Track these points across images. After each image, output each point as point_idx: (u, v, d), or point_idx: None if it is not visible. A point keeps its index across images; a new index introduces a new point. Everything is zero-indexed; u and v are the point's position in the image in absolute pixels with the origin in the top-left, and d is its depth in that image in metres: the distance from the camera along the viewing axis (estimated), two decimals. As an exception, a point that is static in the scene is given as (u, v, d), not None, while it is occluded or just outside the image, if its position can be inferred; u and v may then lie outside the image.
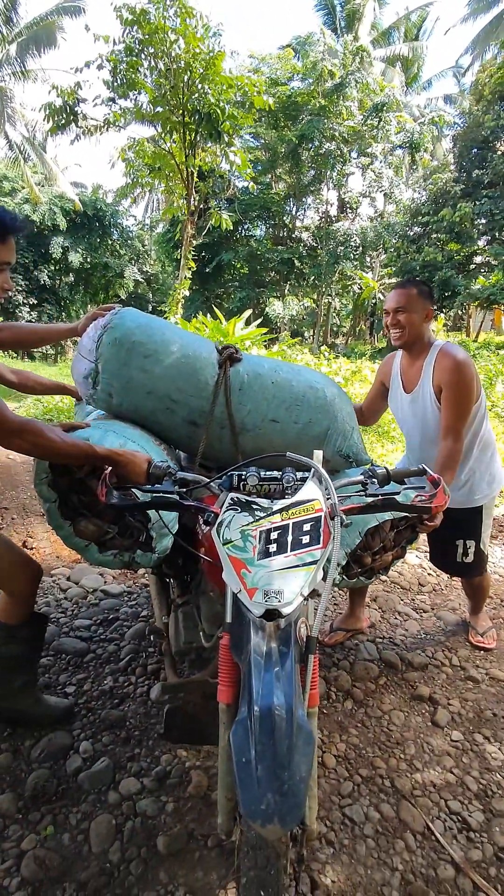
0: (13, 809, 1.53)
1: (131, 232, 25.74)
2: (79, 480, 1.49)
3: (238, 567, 1.03)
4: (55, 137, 11.60)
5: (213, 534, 1.10)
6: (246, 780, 0.82)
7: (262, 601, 0.98)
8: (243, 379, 1.74)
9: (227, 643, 1.08)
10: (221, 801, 1.09)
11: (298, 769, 0.83)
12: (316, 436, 1.83)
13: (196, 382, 1.68)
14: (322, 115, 19.06)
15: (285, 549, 1.04)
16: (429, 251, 15.61)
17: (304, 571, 1.02)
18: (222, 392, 1.69)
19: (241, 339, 7.14)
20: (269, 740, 0.83)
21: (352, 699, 2.10)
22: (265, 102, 11.04)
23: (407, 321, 2.08)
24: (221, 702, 1.08)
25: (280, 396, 1.77)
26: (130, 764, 1.71)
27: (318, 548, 1.04)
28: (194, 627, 1.66)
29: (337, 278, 20.65)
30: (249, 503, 1.12)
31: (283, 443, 1.79)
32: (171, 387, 1.66)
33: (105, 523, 1.49)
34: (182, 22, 9.52)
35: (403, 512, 1.25)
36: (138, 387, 1.64)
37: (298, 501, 1.11)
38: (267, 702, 0.86)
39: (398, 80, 20.97)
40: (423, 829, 1.59)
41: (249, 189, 16.56)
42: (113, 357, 1.63)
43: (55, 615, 2.55)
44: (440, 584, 3.17)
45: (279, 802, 0.79)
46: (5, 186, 22.33)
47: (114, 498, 1.14)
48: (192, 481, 1.24)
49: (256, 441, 1.78)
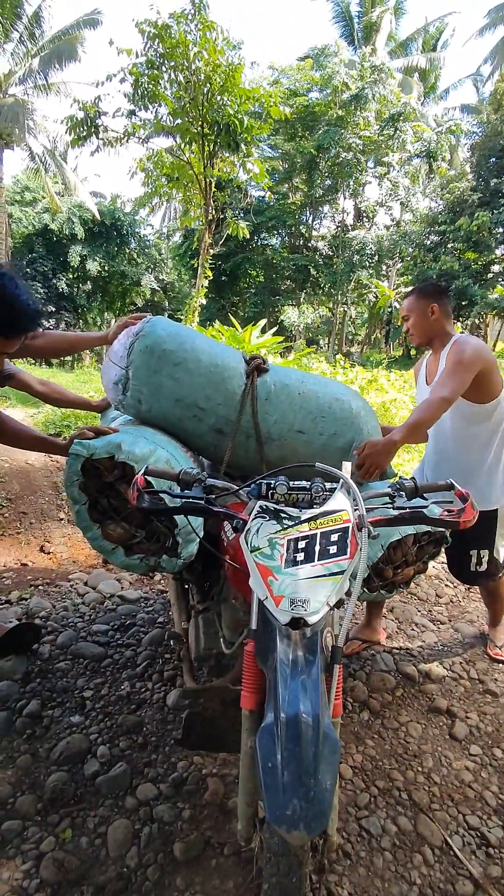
0: (32, 811, 1.55)
1: (149, 241, 26.07)
2: (109, 484, 1.51)
3: (265, 574, 1.04)
4: (76, 149, 11.84)
5: (242, 541, 1.11)
6: (272, 785, 0.83)
7: (289, 609, 0.99)
8: (270, 389, 1.77)
9: (251, 650, 1.09)
10: (242, 808, 1.10)
11: (324, 777, 0.83)
12: (340, 447, 1.84)
13: (224, 391, 1.71)
14: (339, 125, 19.19)
15: (312, 558, 1.05)
16: (446, 260, 15.57)
17: (330, 581, 1.02)
18: (249, 401, 1.72)
19: (257, 347, 7.18)
20: (295, 747, 0.84)
21: (368, 710, 2.09)
22: (282, 113, 11.16)
23: (413, 326, 2.23)
24: (245, 708, 1.08)
25: (306, 407, 1.79)
26: (147, 769, 1.72)
27: (345, 558, 1.05)
28: (215, 634, 1.67)
29: (353, 287, 20.68)
30: (278, 511, 1.13)
31: (308, 453, 1.81)
32: (199, 395, 1.69)
33: (132, 527, 1.52)
34: (203, 35, 9.69)
35: (431, 526, 1.25)
36: (168, 394, 1.67)
37: (327, 511, 1.12)
38: (294, 709, 0.87)
39: (416, 90, 21.05)
40: (441, 843, 1.57)
41: (266, 199, 16.68)
42: (144, 364, 1.66)
43: (73, 620, 2.57)
44: (458, 596, 3.14)
45: (305, 808, 0.80)
46: (27, 197, 22.79)
47: (144, 501, 1.16)
48: (221, 488, 1.25)
49: (282, 450, 1.80)
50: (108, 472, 1.52)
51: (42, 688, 2.06)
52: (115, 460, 1.50)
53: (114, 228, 23.20)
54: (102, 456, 1.50)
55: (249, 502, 1.20)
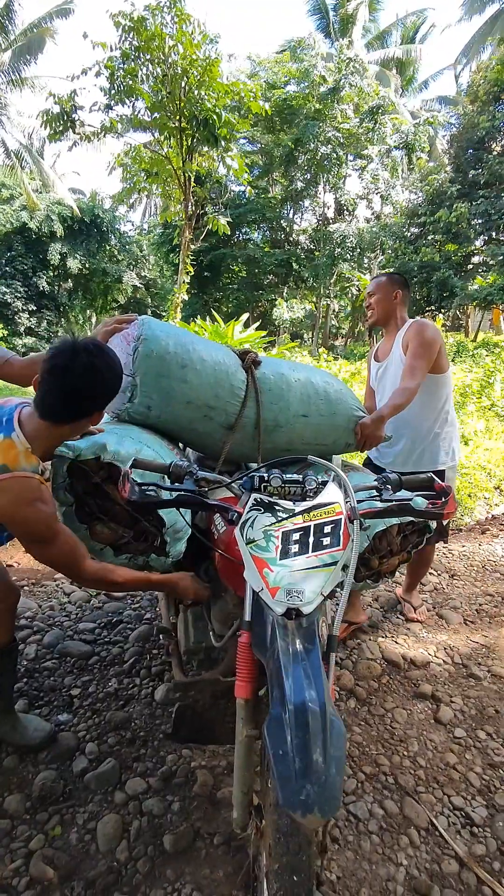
0: (21, 810, 1.55)
1: (129, 237, 25.82)
2: (95, 485, 1.51)
3: (261, 566, 1.06)
4: (53, 144, 11.69)
5: (237, 533, 1.12)
6: (284, 772, 0.85)
7: (285, 600, 1.01)
8: (269, 380, 1.85)
9: (246, 640, 1.10)
10: (238, 796, 1.12)
11: (334, 761, 0.86)
12: (340, 424, 1.98)
13: (230, 388, 1.74)
14: (318, 118, 19.14)
15: (307, 549, 1.07)
16: (426, 252, 15.66)
17: (324, 572, 1.05)
18: (254, 394, 1.78)
19: (240, 342, 7.17)
20: (304, 734, 0.86)
21: (355, 698, 2.11)
22: (261, 108, 11.12)
23: (376, 302, 2.43)
24: (240, 697, 1.09)
25: (305, 392, 1.90)
26: (136, 764, 1.73)
27: (338, 549, 1.07)
28: (204, 627, 1.68)
29: (335, 280, 20.70)
30: (272, 504, 1.14)
31: (313, 435, 1.94)
32: (209, 394, 1.70)
33: (120, 527, 1.51)
34: (179, 28, 9.59)
35: (417, 517, 1.28)
36: (178, 397, 1.66)
37: (320, 504, 1.14)
38: (300, 698, 0.90)
39: (394, 82, 21.08)
40: (427, 824, 1.60)
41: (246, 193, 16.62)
42: (151, 369, 1.63)
43: (59, 619, 2.57)
44: (441, 584, 3.18)
45: (318, 793, 0.82)
46: (3, 193, 22.40)
47: (135, 493, 1.15)
48: (212, 481, 1.26)
49: (289, 436, 1.90)
50: (95, 472, 1.51)
51: (29, 687, 2.05)
52: (101, 461, 1.49)
53: (94, 225, 22.91)
54: (88, 457, 1.49)
55: (243, 495, 1.21)
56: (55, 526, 1.35)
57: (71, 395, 1.29)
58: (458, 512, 4.31)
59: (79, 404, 1.31)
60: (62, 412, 1.31)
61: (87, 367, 1.27)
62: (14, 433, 1.32)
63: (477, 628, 2.69)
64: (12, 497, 1.28)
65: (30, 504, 1.29)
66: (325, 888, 1.39)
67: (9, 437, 1.31)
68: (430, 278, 15.34)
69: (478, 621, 2.76)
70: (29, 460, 1.31)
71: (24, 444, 1.31)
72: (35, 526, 1.32)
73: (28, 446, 1.32)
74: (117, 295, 25.39)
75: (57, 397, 1.29)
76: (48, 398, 1.29)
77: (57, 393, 1.28)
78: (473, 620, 2.76)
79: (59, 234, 21.34)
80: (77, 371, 1.26)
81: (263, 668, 1.07)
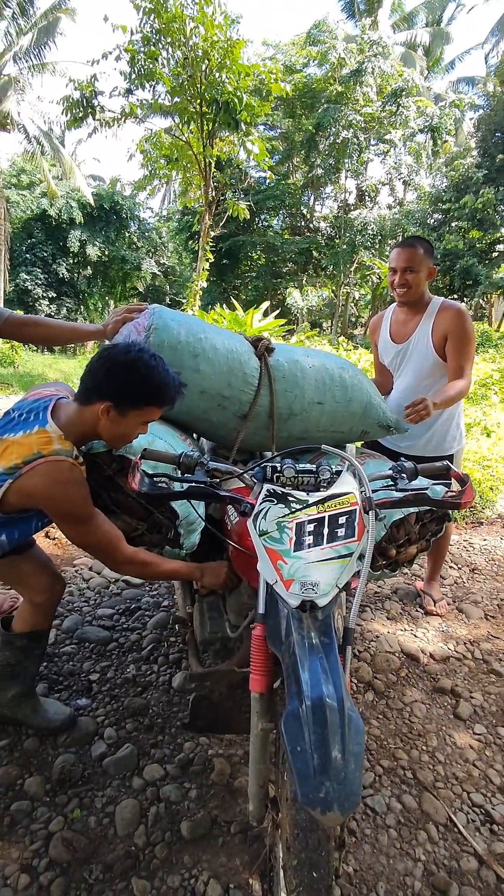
0: (41, 792, 1.57)
1: (148, 224, 25.76)
2: (108, 478, 1.50)
3: (274, 558, 1.04)
4: (73, 131, 11.65)
5: (250, 525, 1.10)
6: (303, 769, 0.83)
7: (300, 592, 0.99)
8: (283, 367, 1.80)
9: (260, 633, 1.09)
10: (253, 789, 1.10)
11: (353, 757, 0.84)
12: (356, 412, 1.93)
13: (243, 376, 1.71)
14: (339, 101, 18.73)
15: (321, 541, 1.04)
16: (450, 239, 15.32)
17: (339, 564, 1.02)
18: (268, 382, 1.74)
19: (259, 330, 7.12)
20: (323, 730, 0.84)
21: (373, 690, 2.10)
22: (282, 89, 10.93)
23: (414, 280, 2.20)
24: (255, 691, 1.08)
25: (320, 379, 1.85)
26: (154, 750, 1.74)
27: (353, 540, 1.05)
28: (220, 617, 1.67)
29: (355, 268, 20.40)
30: (285, 495, 1.11)
31: (329, 423, 1.89)
32: (222, 383, 1.67)
33: (134, 520, 1.51)
34: (200, 9, 9.43)
35: (435, 507, 1.24)
36: (193, 387, 1.63)
37: (334, 494, 1.11)
38: (317, 693, 0.87)
39: (420, 64, 20.50)
40: (446, 820, 1.58)
41: (267, 179, 16.42)
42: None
43: (78, 604, 2.59)
44: (462, 577, 3.14)
45: (337, 790, 0.80)
46: (24, 180, 22.49)
47: (145, 485, 1.14)
48: (224, 472, 1.24)
49: (304, 424, 1.86)
50: (107, 465, 1.50)
51: (49, 671, 2.08)
52: (114, 453, 1.49)
53: (113, 212, 22.91)
54: (100, 449, 1.50)
55: (255, 486, 1.18)
56: (89, 507, 1.39)
57: (86, 374, 1.40)
58: (479, 505, 4.24)
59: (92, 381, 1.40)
60: (81, 391, 1.42)
61: (106, 356, 1.38)
62: (48, 423, 1.39)
63: (498, 623, 2.65)
64: (45, 479, 1.34)
65: (62, 485, 1.34)
66: (342, 881, 1.38)
67: (43, 427, 1.38)
68: (453, 266, 15.03)
69: (499, 616, 2.72)
70: (62, 444, 1.37)
71: (56, 432, 1.38)
72: (69, 506, 1.37)
73: (60, 433, 1.38)
74: (136, 282, 25.44)
75: (83, 376, 1.41)
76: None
77: (85, 372, 1.41)
78: (494, 615, 2.72)
79: (79, 222, 21.41)
80: (104, 355, 1.38)
81: (278, 661, 1.06)
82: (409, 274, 2.19)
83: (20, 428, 1.41)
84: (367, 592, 2.84)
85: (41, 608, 1.67)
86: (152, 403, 1.39)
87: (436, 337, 2.22)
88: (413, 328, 2.30)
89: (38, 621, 1.69)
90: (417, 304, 2.29)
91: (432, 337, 2.22)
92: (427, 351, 2.25)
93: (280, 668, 1.05)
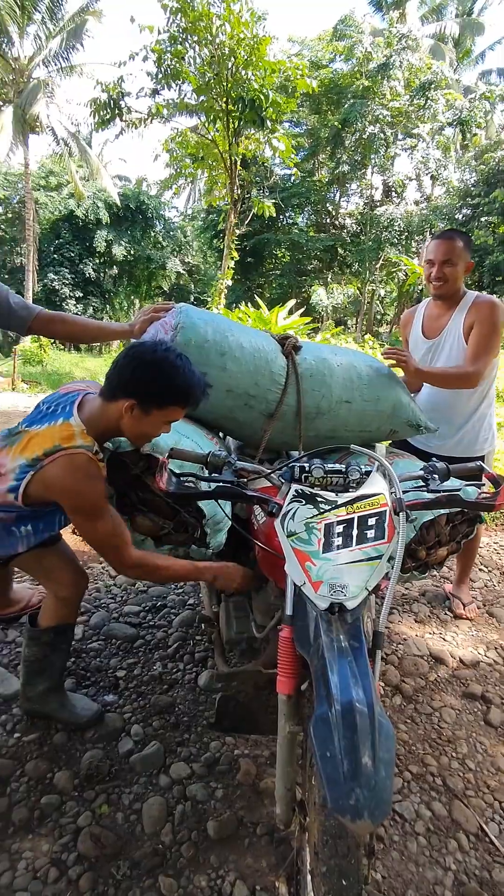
0: (70, 787, 1.59)
1: (174, 223, 25.94)
2: (136, 476, 1.51)
3: (303, 559, 1.02)
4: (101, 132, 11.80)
5: (277, 525, 1.08)
6: (332, 775, 0.81)
7: (329, 595, 0.97)
8: (311, 365, 1.78)
9: (287, 635, 1.07)
10: (280, 792, 1.09)
11: (383, 764, 0.82)
12: (384, 410, 1.90)
13: (270, 375, 1.69)
14: (366, 96, 18.51)
15: (350, 543, 1.02)
16: (479, 234, 15.03)
17: (368, 566, 1.00)
18: (295, 380, 1.72)
19: (284, 328, 7.09)
20: (353, 735, 0.82)
21: (401, 694, 2.06)
22: (308, 86, 10.86)
23: (451, 274, 2.13)
24: (282, 693, 1.07)
25: (348, 377, 1.83)
26: (180, 749, 1.74)
27: (382, 542, 1.02)
28: (246, 618, 1.66)
29: (381, 265, 20.16)
30: (314, 496, 1.10)
31: (357, 422, 1.87)
32: (249, 382, 1.67)
33: (161, 519, 1.51)
34: (227, 7, 9.43)
35: (468, 509, 1.21)
36: (219, 385, 1.63)
37: (364, 495, 1.09)
38: (347, 697, 0.86)
39: (449, 56, 20.11)
40: (477, 829, 1.55)
41: (292, 176, 16.35)
42: (191, 358, 1.62)
43: (105, 601, 2.61)
44: (492, 581, 3.07)
45: (368, 798, 0.78)
46: (52, 181, 22.86)
47: (172, 485, 1.14)
48: (251, 471, 1.23)
49: (332, 423, 1.83)
50: (134, 464, 1.51)
51: (76, 667, 2.10)
52: (141, 452, 1.49)
53: (139, 212, 23.15)
54: (127, 448, 1.50)
55: (283, 486, 1.17)
56: (102, 503, 1.40)
57: (112, 370, 1.41)
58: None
59: (117, 378, 1.40)
60: (106, 387, 1.42)
61: (132, 354, 1.38)
62: (73, 417, 1.40)
63: (530, 628, 2.58)
64: (62, 471, 1.35)
65: (77, 478, 1.35)
66: (370, 887, 1.36)
67: (67, 420, 1.40)
68: (482, 262, 14.73)
69: (531, 621, 2.64)
70: (84, 439, 1.38)
71: (79, 426, 1.39)
72: (81, 499, 1.37)
73: (83, 427, 1.39)
74: (161, 281, 25.65)
75: (109, 372, 1.42)
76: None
77: (111, 369, 1.41)
78: (526, 620, 2.65)
79: (105, 222, 21.69)
80: (131, 353, 1.38)
81: (305, 663, 1.04)
82: (447, 267, 2.11)
83: (46, 420, 1.43)
84: (394, 595, 2.80)
85: (66, 602, 1.69)
86: (176, 404, 1.39)
87: (467, 331, 2.15)
88: (445, 323, 2.22)
89: (63, 615, 1.71)
90: (452, 299, 2.22)
91: (464, 331, 2.15)
92: (459, 346, 2.16)
93: (307, 670, 1.03)
